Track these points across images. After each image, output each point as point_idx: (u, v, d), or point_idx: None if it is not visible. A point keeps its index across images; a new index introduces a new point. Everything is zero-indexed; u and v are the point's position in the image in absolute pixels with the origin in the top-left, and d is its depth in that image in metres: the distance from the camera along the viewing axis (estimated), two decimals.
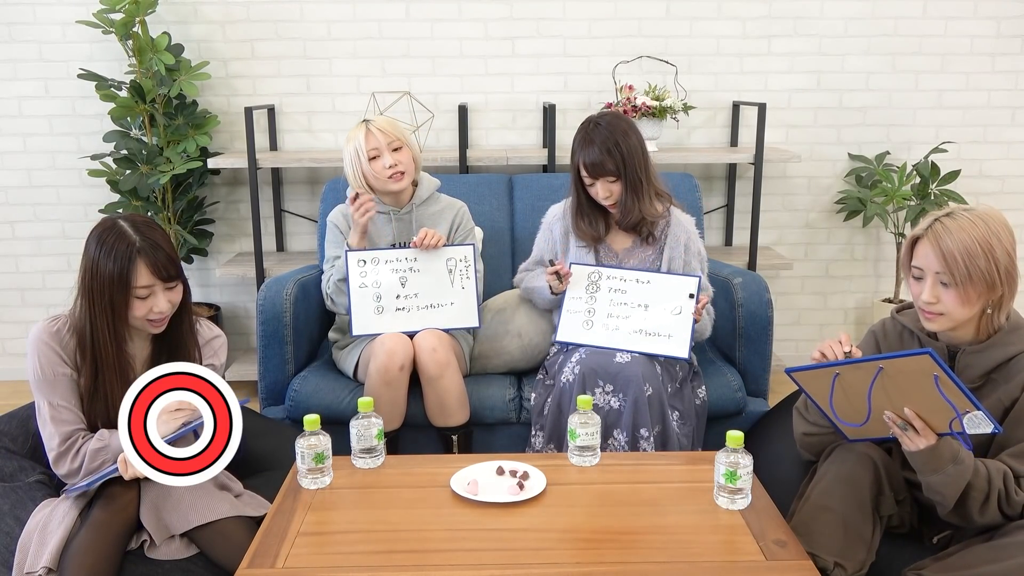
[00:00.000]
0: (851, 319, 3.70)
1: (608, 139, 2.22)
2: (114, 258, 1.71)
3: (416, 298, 2.37)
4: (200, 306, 3.54)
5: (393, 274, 2.36)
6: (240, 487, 1.85)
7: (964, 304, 1.63)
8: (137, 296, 1.74)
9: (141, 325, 1.79)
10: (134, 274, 1.71)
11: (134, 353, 1.84)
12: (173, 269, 1.77)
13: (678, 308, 2.23)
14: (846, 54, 3.43)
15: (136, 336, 1.84)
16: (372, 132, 2.40)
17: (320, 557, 1.49)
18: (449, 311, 2.38)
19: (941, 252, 1.61)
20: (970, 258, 1.59)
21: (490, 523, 1.59)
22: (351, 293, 2.34)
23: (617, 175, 2.25)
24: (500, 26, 3.36)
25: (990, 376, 1.70)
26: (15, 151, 3.43)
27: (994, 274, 1.60)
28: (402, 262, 2.37)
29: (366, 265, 2.36)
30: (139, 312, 1.76)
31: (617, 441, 2.14)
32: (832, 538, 1.63)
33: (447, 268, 2.38)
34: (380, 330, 2.34)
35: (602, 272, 2.30)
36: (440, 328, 2.35)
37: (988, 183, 3.57)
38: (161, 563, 1.67)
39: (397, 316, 2.36)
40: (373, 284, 2.35)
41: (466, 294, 2.38)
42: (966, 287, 1.61)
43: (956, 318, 1.66)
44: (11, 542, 1.68)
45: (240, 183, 3.48)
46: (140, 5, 3.06)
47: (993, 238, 1.61)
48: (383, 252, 2.38)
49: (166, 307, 1.77)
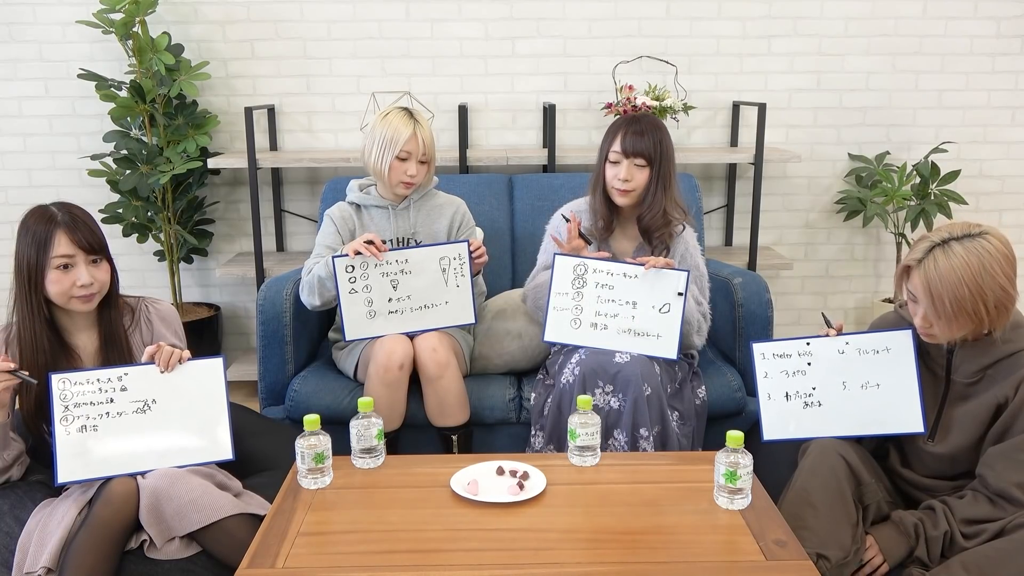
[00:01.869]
0: (851, 319, 3.69)
1: (653, 130, 2.29)
2: (34, 234, 1.77)
3: (409, 300, 2.31)
4: (200, 306, 3.54)
5: (383, 278, 2.28)
6: (239, 486, 1.85)
7: (954, 331, 1.69)
8: (56, 266, 1.76)
9: (67, 303, 1.80)
10: (52, 244, 1.75)
11: (79, 345, 1.87)
12: (95, 242, 1.80)
13: (667, 306, 2.20)
14: (846, 54, 3.43)
15: (79, 327, 1.87)
16: (417, 137, 2.37)
17: (320, 557, 1.49)
18: (444, 310, 2.33)
19: (930, 293, 1.65)
20: (957, 301, 1.62)
21: (490, 523, 1.59)
22: (341, 299, 2.28)
23: (649, 163, 2.27)
24: (500, 26, 3.36)
25: (986, 372, 1.73)
26: (15, 151, 3.43)
27: (981, 311, 1.63)
28: (392, 265, 2.28)
29: (355, 271, 2.28)
30: (61, 286, 1.77)
31: (617, 441, 2.14)
32: (813, 531, 1.66)
33: (440, 267, 2.31)
34: (374, 333, 2.31)
35: (588, 265, 2.24)
36: (436, 328, 2.33)
37: (988, 183, 3.57)
38: (161, 563, 1.67)
39: (391, 319, 2.31)
40: (364, 289, 2.28)
41: (461, 292, 2.32)
42: (951, 322, 1.66)
43: (948, 338, 1.72)
44: (11, 542, 1.68)
45: (240, 183, 3.48)
46: (140, 5, 3.06)
47: (985, 276, 1.61)
48: (371, 258, 2.27)
49: (88, 280, 1.78)
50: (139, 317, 1.95)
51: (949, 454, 1.77)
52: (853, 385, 1.84)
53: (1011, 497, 1.63)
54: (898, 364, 1.80)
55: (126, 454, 1.74)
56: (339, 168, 3.32)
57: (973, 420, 1.73)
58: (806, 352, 1.87)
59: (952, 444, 1.76)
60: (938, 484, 1.80)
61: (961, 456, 1.76)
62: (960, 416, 1.76)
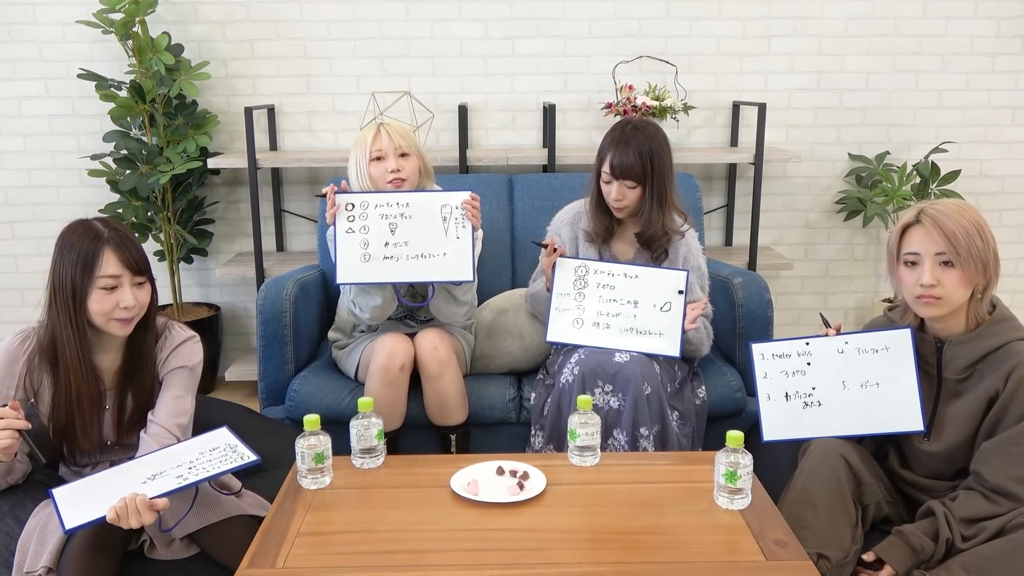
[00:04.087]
0: (851, 319, 3.69)
1: (643, 146, 2.21)
2: (79, 251, 1.68)
3: (406, 247, 2.21)
4: (200, 306, 3.54)
5: (382, 220, 2.20)
6: (239, 486, 1.84)
7: (963, 284, 1.70)
8: (102, 287, 1.68)
9: (105, 324, 1.72)
10: (99, 262, 1.67)
11: (103, 366, 1.80)
12: (143, 263, 1.73)
13: (668, 304, 2.21)
14: (846, 54, 3.43)
15: (105, 347, 1.79)
16: (381, 133, 2.34)
17: (320, 557, 1.49)
18: (441, 262, 2.22)
19: (943, 232, 1.69)
20: (969, 237, 1.67)
21: (490, 523, 1.59)
22: (336, 238, 2.22)
23: (639, 183, 2.24)
24: (500, 26, 3.36)
25: (976, 367, 1.74)
26: (15, 151, 3.43)
27: (987, 255, 1.69)
28: (393, 207, 2.21)
29: (355, 209, 2.20)
30: (104, 306, 1.69)
31: (617, 441, 2.14)
32: (813, 531, 1.67)
33: (441, 215, 2.22)
34: (366, 279, 2.23)
35: (589, 266, 2.25)
36: (431, 280, 2.27)
37: (988, 183, 3.57)
38: (161, 563, 1.67)
39: (385, 265, 2.21)
40: (361, 230, 2.21)
41: (460, 244, 2.22)
42: (967, 266, 1.68)
43: (953, 301, 1.72)
44: (11, 542, 1.68)
45: (240, 183, 3.48)
46: (140, 5, 3.06)
47: (982, 220, 1.71)
48: (373, 196, 2.23)
49: (132, 302, 1.71)
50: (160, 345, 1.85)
51: (945, 452, 1.77)
52: (853, 385, 1.84)
53: (1008, 492, 1.63)
54: (897, 363, 1.81)
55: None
56: (339, 168, 3.31)
57: (967, 416, 1.74)
58: (805, 352, 1.87)
59: (947, 442, 1.76)
60: (937, 484, 1.80)
61: (957, 454, 1.76)
62: (954, 413, 1.76)
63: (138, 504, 1.52)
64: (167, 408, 1.80)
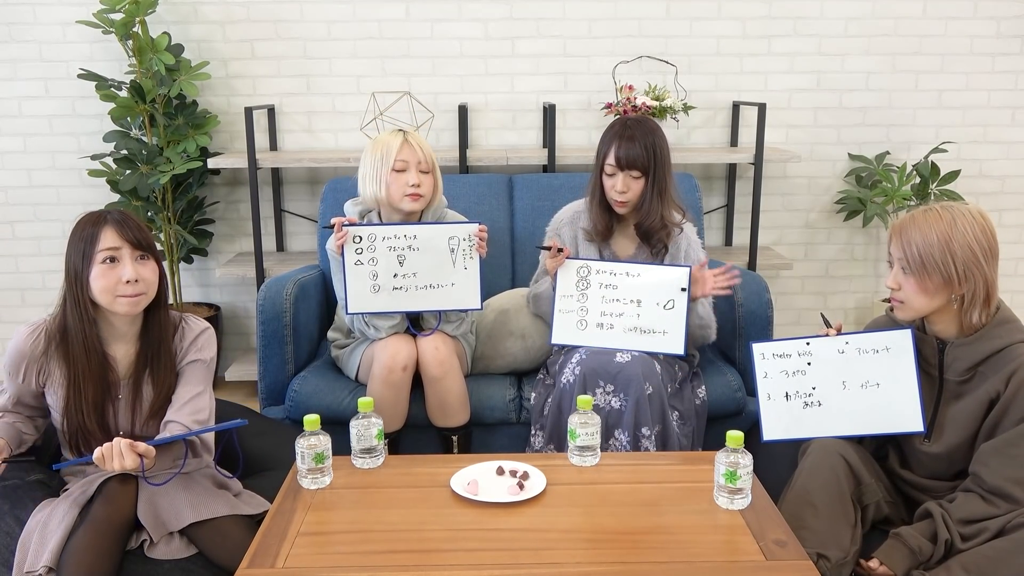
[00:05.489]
0: (851, 319, 3.69)
1: (647, 138, 2.26)
2: (82, 235, 1.74)
3: (415, 277, 2.25)
4: (200, 306, 3.54)
5: (390, 252, 2.24)
6: (239, 486, 1.85)
7: (922, 293, 1.71)
8: (101, 260, 1.70)
9: (111, 303, 1.73)
10: (99, 239, 1.71)
11: (117, 356, 1.81)
12: (144, 240, 1.75)
13: (671, 302, 2.22)
14: (846, 54, 3.43)
15: (119, 337, 1.81)
16: (409, 144, 2.30)
17: (320, 557, 1.49)
18: (449, 292, 2.27)
19: (900, 240, 1.72)
20: (927, 248, 1.68)
21: (490, 523, 1.59)
22: (345, 271, 2.24)
23: (644, 173, 2.26)
24: (500, 26, 3.36)
25: (977, 369, 1.74)
26: (15, 151, 3.43)
27: (950, 267, 1.67)
28: (400, 239, 2.24)
29: (362, 241, 2.23)
30: (107, 281, 1.71)
31: (619, 441, 2.14)
32: (813, 531, 1.67)
33: (449, 247, 2.26)
34: (376, 309, 2.26)
35: (591, 266, 2.26)
36: (440, 309, 2.30)
37: (988, 183, 3.57)
38: (161, 563, 1.67)
39: (394, 295, 2.26)
40: (369, 262, 2.24)
41: (468, 275, 2.27)
42: (922, 276, 1.69)
43: (916, 307, 1.74)
44: (11, 542, 1.68)
45: (240, 183, 3.48)
46: (140, 5, 3.06)
47: (956, 233, 1.67)
48: (380, 228, 2.25)
49: (132, 275, 1.71)
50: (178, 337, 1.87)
51: (946, 453, 1.77)
52: (853, 385, 1.84)
53: (1006, 494, 1.63)
54: (898, 363, 1.81)
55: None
56: (339, 168, 3.31)
57: (967, 418, 1.74)
58: (806, 352, 1.88)
59: (948, 443, 1.76)
60: (937, 485, 1.80)
61: (957, 455, 1.76)
62: (954, 415, 1.76)
63: (122, 447, 1.60)
64: (186, 405, 1.81)
